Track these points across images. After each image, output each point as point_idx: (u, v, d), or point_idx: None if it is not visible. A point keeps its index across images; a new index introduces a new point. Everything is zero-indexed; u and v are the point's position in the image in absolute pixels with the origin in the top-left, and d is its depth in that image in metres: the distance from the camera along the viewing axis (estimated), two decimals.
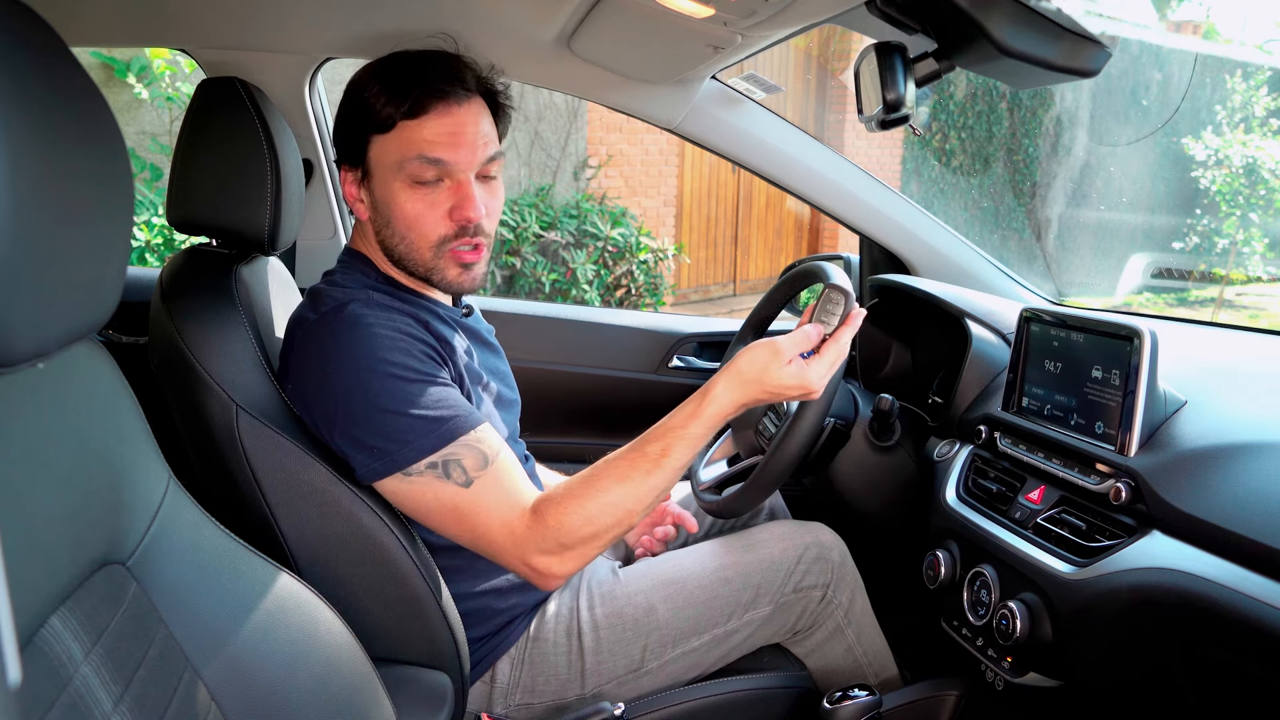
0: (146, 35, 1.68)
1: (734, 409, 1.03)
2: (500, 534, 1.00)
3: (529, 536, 0.99)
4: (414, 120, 1.05)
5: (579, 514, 0.99)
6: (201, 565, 0.75)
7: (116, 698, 0.63)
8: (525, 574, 1.02)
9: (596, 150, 6.04)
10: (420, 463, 0.99)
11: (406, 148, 1.05)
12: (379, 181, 1.09)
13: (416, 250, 1.10)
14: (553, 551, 0.99)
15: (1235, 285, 6.49)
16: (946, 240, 1.72)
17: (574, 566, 1.01)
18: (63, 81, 0.58)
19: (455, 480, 1.00)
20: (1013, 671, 1.09)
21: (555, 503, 1.00)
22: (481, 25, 1.40)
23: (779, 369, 1.02)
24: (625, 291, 5.56)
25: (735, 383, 1.03)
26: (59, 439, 0.63)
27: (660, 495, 1.02)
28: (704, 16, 1.11)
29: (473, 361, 1.17)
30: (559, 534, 0.99)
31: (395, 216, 1.09)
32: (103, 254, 0.62)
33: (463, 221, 1.08)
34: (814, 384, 1.03)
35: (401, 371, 1.00)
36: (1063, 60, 0.94)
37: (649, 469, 1.01)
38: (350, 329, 1.02)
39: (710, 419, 1.02)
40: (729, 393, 1.03)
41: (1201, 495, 0.92)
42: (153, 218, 3.64)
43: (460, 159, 1.06)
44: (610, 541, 1.02)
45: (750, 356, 1.03)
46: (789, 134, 1.65)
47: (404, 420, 0.99)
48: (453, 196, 1.08)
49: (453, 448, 1.00)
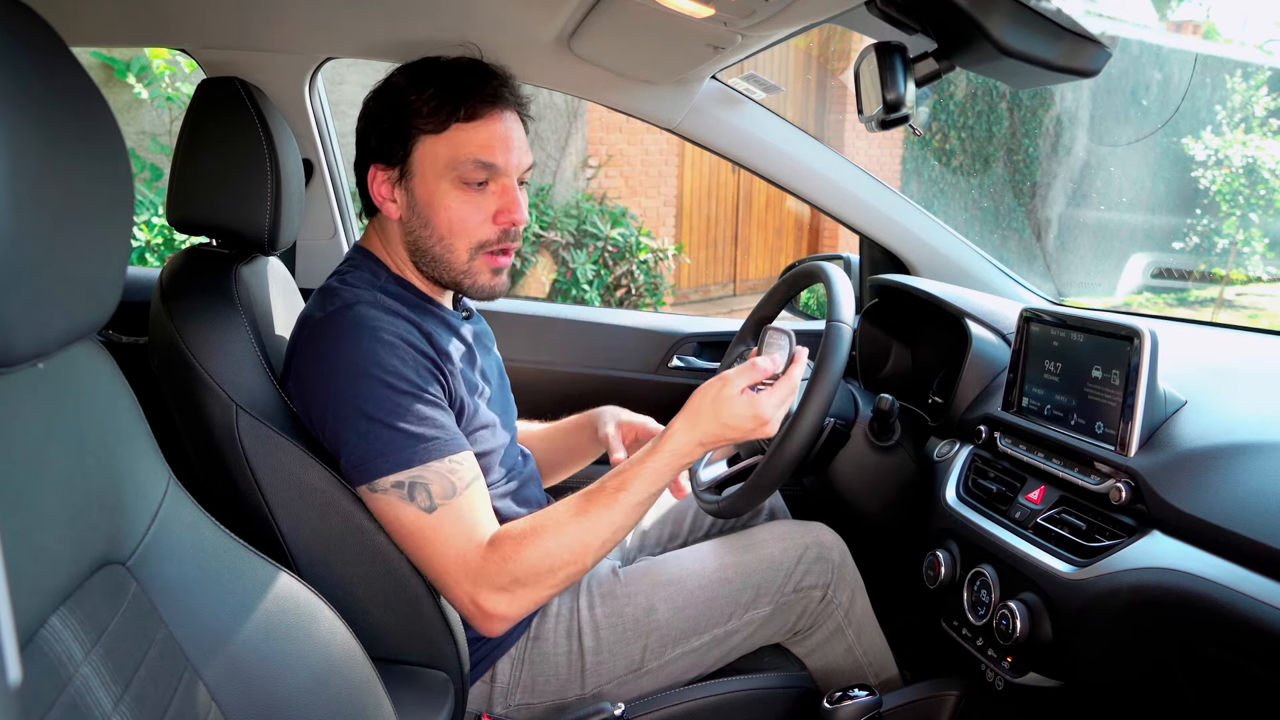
0: (146, 35, 1.68)
1: (693, 446, 1.03)
2: (454, 565, 0.98)
3: (483, 569, 0.97)
4: (469, 124, 1.08)
5: (537, 548, 0.98)
6: (201, 565, 0.75)
7: (116, 698, 0.63)
8: (470, 612, 0.99)
9: (596, 150, 6.04)
10: (387, 479, 0.98)
11: (460, 150, 1.07)
12: (423, 182, 1.09)
13: (454, 252, 1.11)
14: (505, 588, 0.97)
15: (1235, 285, 6.49)
16: (946, 240, 1.72)
17: (521, 609, 0.99)
18: (63, 81, 0.58)
19: (419, 504, 0.98)
20: (1013, 671, 1.09)
21: (513, 537, 0.99)
22: (482, 25, 1.40)
23: (730, 399, 1.02)
24: (625, 291, 5.56)
25: (690, 418, 1.03)
26: (59, 439, 0.63)
27: (619, 533, 1.02)
28: (704, 16, 1.12)
29: (471, 369, 1.17)
30: (514, 568, 0.97)
31: (438, 218, 1.10)
32: (103, 254, 0.62)
33: (508, 224, 1.11)
34: (766, 414, 1.03)
35: (395, 380, 1.00)
36: (1063, 60, 0.94)
37: (607, 502, 1.00)
38: (354, 329, 1.02)
39: (668, 455, 1.03)
40: (685, 429, 1.03)
41: (1201, 495, 0.92)
42: (153, 218, 3.64)
43: (510, 163, 1.10)
44: (564, 582, 1.00)
45: (701, 390, 1.05)
46: (789, 134, 1.65)
47: (385, 431, 0.98)
48: (499, 200, 1.10)
49: (423, 470, 0.98)
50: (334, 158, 1.76)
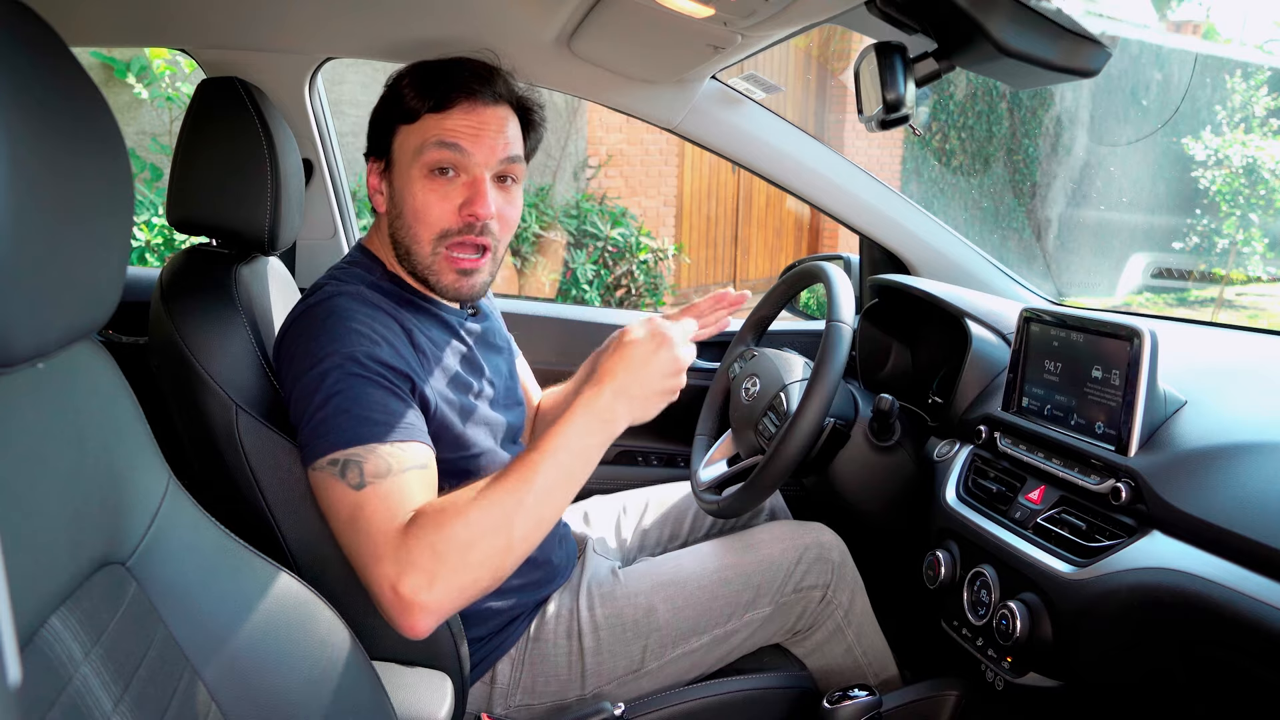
0: (146, 35, 1.68)
1: (611, 397, 0.94)
2: (377, 544, 0.88)
3: (403, 545, 0.87)
4: (439, 113, 1.08)
5: (458, 517, 0.88)
6: (201, 565, 0.75)
7: (116, 698, 0.63)
8: (390, 601, 0.87)
9: (596, 150, 6.04)
10: (324, 457, 0.93)
11: (428, 133, 1.07)
12: (398, 171, 1.10)
13: (419, 243, 1.10)
14: (425, 568, 0.85)
15: (1235, 285, 6.49)
16: (946, 240, 1.72)
17: (442, 597, 0.86)
18: (63, 81, 0.58)
19: (348, 480, 0.92)
20: (1013, 671, 1.09)
21: (433, 508, 0.90)
22: (481, 25, 1.40)
23: (630, 338, 0.97)
24: (625, 291, 5.56)
25: (599, 372, 0.96)
26: (59, 439, 0.63)
27: (548, 498, 0.92)
28: (704, 16, 1.12)
29: (467, 368, 1.17)
30: (435, 539, 0.86)
31: (406, 205, 1.09)
32: (103, 254, 0.62)
33: (470, 218, 1.08)
34: (670, 333, 0.97)
35: (354, 367, 0.97)
36: (1063, 60, 0.94)
37: (528, 464, 0.92)
38: (328, 317, 1.01)
39: (584, 409, 0.94)
40: (594, 383, 0.96)
41: (1202, 495, 0.92)
42: (153, 218, 3.64)
43: (478, 151, 1.07)
44: (488, 562, 0.88)
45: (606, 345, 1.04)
46: (789, 134, 1.65)
47: (333, 414, 0.95)
48: (466, 191, 1.09)
49: (360, 449, 0.93)
50: (334, 158, 1.76)
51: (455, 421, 1.10)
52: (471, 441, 1.13)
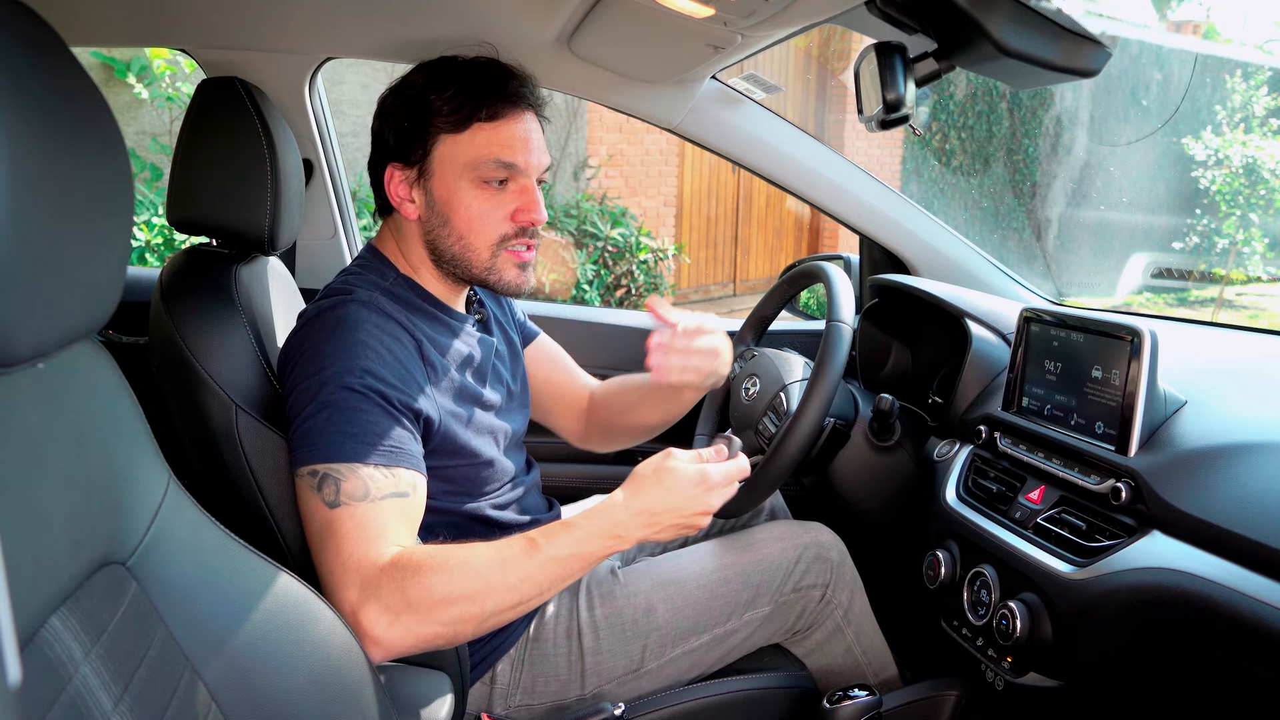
0: (146, 35, 1.68)
1: (631, 515, 0.95)
2: (346, 568, 0.90)
3: (377, 581, 0.88)
4: (490, 124, 1.08)
5: (440, 575, 0.88)
6: (201, 565, 0.75)
7: (116, 698, 0.63)
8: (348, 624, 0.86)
9: (596, 150, 6.04)
10: (305, 466, 0.95)
11: (481, 150, 1.07)
12: (441, 181, 1.09)
13: (474, 250, 1.11)
14: (393, 609, 0.87)
15: (1235, 285, 6.49)
16: (946, 240, 1.72)
17: (400, 639, 0.87)
18: (63, 81, 0.58)
19: (324, 496, 0.93)
20: (1013, 671, 1.09)
21: (418, 558, 0.90)
22: (481, 25, 1.40)
23: (675, 468, 0.96)
24: (625, 291, 5.56)
25: (633, 483, 0.97)
26: (59, 439, 0.63)
27: (529, 587, 0.92)
28: (704, 16, 1.12)
29: (476, 376, 1.17)
30: (411, 590, 0.87)
31: (457, 216, 1.09)
32: (103, 254, 0.62)
33: (527, 223, 1.11)
34: (714, 479, 0.97)
35: (355, 382, 0.97)
36: (1063, 60, 0.94)
37: (526, 549, 0.92)
38: (338, 325, 1.01)
39: (603, 517, 0.95)
40: (627, 496, 0.96)
41: (1202, 495, 0.92)
42: (153, 218, 3.64)
43: (530, 163, 1.10)
44: (454, 623, 0.89)
45: (647, 461, 0.99)
46: (789, 134, 1.65)
47: (325, 424, 0.95)
48: (518, 198, 1.11)
49: (341, 467, 0.93)
50: (334, 158, 1.76)
51: (460, 432, 1.11)
52: (477, 450, 1.13)
